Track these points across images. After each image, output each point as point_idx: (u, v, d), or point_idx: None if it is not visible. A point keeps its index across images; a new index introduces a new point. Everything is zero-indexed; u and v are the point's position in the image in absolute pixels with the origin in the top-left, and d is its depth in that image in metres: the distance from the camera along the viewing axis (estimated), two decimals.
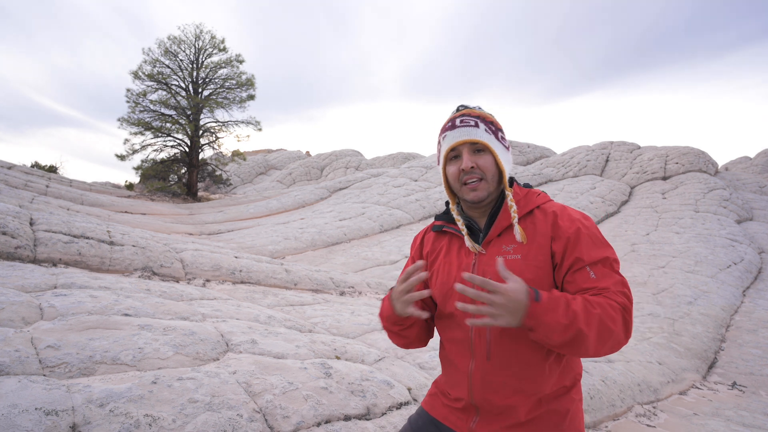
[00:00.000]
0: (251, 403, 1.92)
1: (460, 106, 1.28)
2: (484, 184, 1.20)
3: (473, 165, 1.19)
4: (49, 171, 20.50)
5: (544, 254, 1.14)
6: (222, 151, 23.82)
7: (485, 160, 1.20)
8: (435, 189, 17.65)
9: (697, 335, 6.36)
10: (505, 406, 1.15)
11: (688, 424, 3.85)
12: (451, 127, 1.23)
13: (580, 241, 1.11)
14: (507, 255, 1.16)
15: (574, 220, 1.15)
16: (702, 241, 11.70)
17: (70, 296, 2.65)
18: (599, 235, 1.15)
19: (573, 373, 1.20)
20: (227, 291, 4.62)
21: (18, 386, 1.58)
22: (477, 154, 1.21)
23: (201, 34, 22.27)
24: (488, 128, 1.22)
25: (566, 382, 1.17)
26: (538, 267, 1.13)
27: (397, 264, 9.87)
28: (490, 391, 1.16)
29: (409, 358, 3.42)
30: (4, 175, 11.85)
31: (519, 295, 0.99)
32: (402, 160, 35.17)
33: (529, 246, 1.15)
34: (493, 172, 1.21)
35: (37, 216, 4.35)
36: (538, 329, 1.00)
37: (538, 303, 0.99)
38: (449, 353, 1.26)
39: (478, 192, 1.20)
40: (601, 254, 1.11)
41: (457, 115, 1.25)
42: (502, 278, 1.02)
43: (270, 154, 43.24)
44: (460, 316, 1.21)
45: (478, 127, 1.20)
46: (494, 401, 1.16)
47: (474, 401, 1.19)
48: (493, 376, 1.16)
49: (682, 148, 20.04)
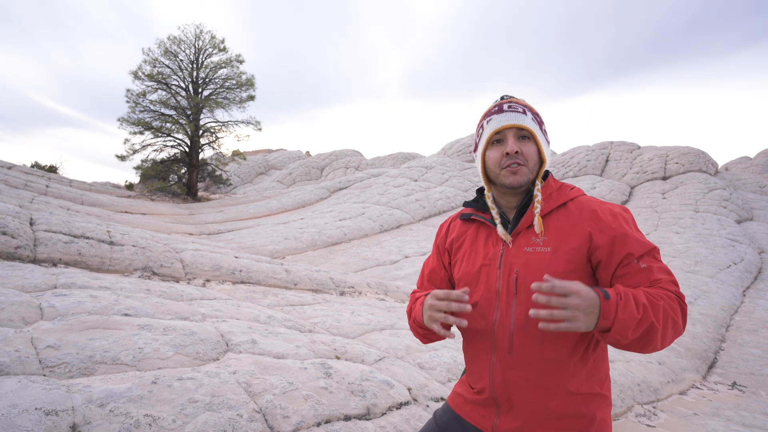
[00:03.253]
0: (251, 403, 1.92)
1: (505, 95, 1.27)
2: (525, 170, 1.17)
3: (518, 150, 1.17)
4: (49, 171, 20.50)
5: (578, 248, 1.10)
6: (222, 151, 23.82)
7: (529, 149, 1.18)
8: (435, 189, 17.65)
9: (697, 335, 6.36)
10: (526, 402, 1.12)
11: (688, 424, 3.85)
12: (498, 111, 1.21)
13: (628, 236, 1.09)
14: (536, 247, 1.13)
15: (617, 215, 1.13)
16: (702, 241, 11.70)
17: (70, 296, 2.65)
18: (638, 228, 1.14)
19: (600, 375, 1.15)
20: (227, 291, 4.62)
21: (18, 386, 1.58)
22: (522, 140, 1.19)
23: (201, 34, 22.28)
24: (534, 118, 1.21)
25: (595, 384, 1.13)
26: (568, 261, 1.10)
27: (396, 264, 9.87)
28: (511, 386, 1.14)
29: (409, 359, 3.42)
30: (4, 175, 11.85)
31: (591, 294, 0.94)
32: (402, 160, 35.18)
33: (560, 239, 1.12)
34: (535, 161, 1.19)
35: (37, 216, 4.35)
36: (613, 328, 0.95)
37: (608, 300, 0.95)
38: (471, 345, 1.24)
39: (518, 176, 1.17)
40: (647, 246, 1.10)
41: (505, 101, 1.24)
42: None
43: (270, 154, 43.24)
44: (483, 306, 1.18)
45: (526, 115, 1.19)
46: (515, 396, 1.13)
47: (495, 395, 1.17)
48: (514, 370, 1.13)
49: (682, 148, 20.04)
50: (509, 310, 1.14)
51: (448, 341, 3.98)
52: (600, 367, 1.15)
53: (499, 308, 1.16)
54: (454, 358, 3.55)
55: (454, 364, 3.42)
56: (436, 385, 2.90)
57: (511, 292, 1.14)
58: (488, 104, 1.30)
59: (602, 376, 1.16)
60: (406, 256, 10.41)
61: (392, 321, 4.48)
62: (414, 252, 10.77)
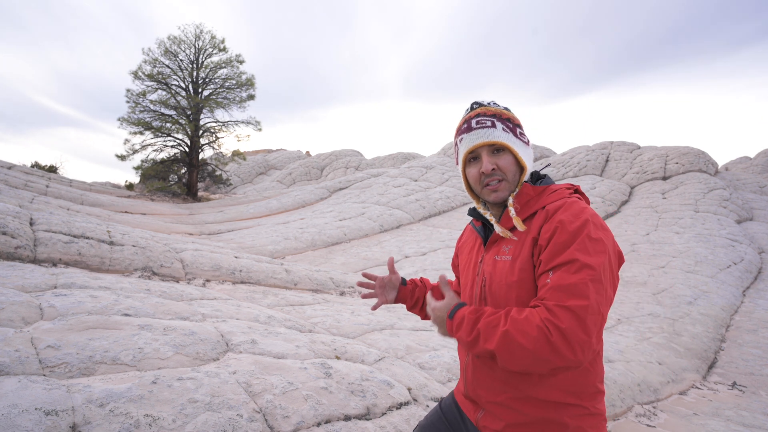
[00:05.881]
0: (251, 403, 1.92)
1: (474, 103, 1.24)
2: (504, 185, 1.18)
3: (493, 167, 1.16)
4: (49, 171, 20.49)
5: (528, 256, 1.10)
6: (222, 151, 23.82)
7: (505, 160, 1.17)
8: (435, 189, 17.65)
9: (697, 335, 6.36)
10: (495, 404, 1.16)
11: (688, 424, 3.85)
12: (467, 129, 1.20)
13: (552, 240, 1.04)
14: (503, 255, 1.17)
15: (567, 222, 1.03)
16: (702, 241, 11.70)
17: (70, 296, 2.65)
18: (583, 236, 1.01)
19: (578, 387, 1.09)
20: (227, 291, 4.62)
21: (18, 386, 1.58)
22: (496, 154, 1.18)
23: (201, 34, 22.27)
24: (506, 126, 1.18)
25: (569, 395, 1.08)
26: (521, 269, 1.10)
27: (397, 264, 9.87)
28: (479, 388, 1.20)
29: (410, 359, 3.42)
30: (4, 175, 11.85)
31: (440, 312, 1.16)
32: (402, 160, 35.18)
33: (520, 248, 1.13)
34: (513, 172, 1.18)
35: (37, 216, 4.35)
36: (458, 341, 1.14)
37: (451, 320, 1.12)
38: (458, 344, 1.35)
39: (499, 193, 1.18)
40: (572, 258, 0.98)
41: (472, 114, 1.20)
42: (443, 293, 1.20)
43: (270, 154, 43.24)
44: None
45: (495, 127, 1.17)
46: (483, 397, 1.19)
47: (468, 395, 1.25)
48: (480, 372, 1.20)
49: (682, 148, 20.04)
50: None
51: (447, 341, 3.98)
52: (577, 380, 1.09)
53: None
54: (454, 358, 3.55)
55: (454, 364, 3.42)
56: (436, 385, 2.90)
57: (483, 298, 1.21)
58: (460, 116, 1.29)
59: (579, 388, 1.09)
60: (406, 256, 10.41)
61: (392, 321, 4.48)
62: (414, 252, 10.77)
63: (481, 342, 1.03)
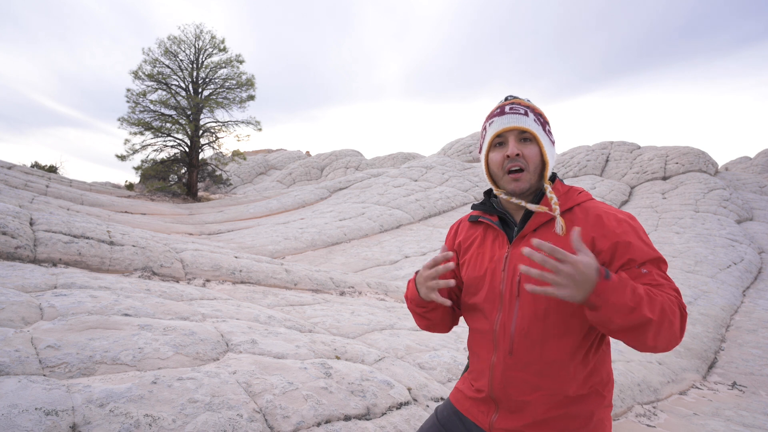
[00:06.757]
0: (251, 403, 1.92)
1: (509, 95, 1.26)
2: (526, 175, 1.18)
3: (518, 152, 1.17)
4: (49, 171, 20.51)
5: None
6: (222, 151, 23.83)
7: (531, 150, 1.18)
8: (435, 189, 17.65)
9: (697, 335, 6.36)
10: (523, 403, 1.13)
11: (688, 424, 3.85)
12: (500, 113, 1.21)
13: (632, 243, 1.08)
14: None
15: (621, 221, 1.11)
16: (702, 241, 11.70)
17: (70, 296, 2.65)
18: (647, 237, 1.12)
19: (601, 377, 1.15)
20: (227, 291, 4.62)
21: (18, 386, 1.58)
22: (523, 143, 1.19)
23: (201, 34, 22.28)
24: (537, 119, 1.20)
25: (594, 386, 1.13)
26: None
27: (397, 264, 9.87)
28: (510, 386, 1.15)
29: (409, 359, 3.42)
30: (4, 175, 11.85)
31: (589, 269, 0.93)
32: (402, 160, 35.18)
33: (564, 243, 1.10)
34: (536, 164, 1.19)
35: (37, 216, 4.35)
36: (602, 308, 0.95)
37: (607, 281, 0.94)
38: (474, 343, 1.27)
39: (519, 183, 1.18)
40: (652, 254, 1.08)
41: (507, 102, 1.23)
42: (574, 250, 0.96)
43: (270, 154, 43.24)
44: (487, 309, 1.20)
45: (527, 116, 1.18)
46: (513, 397, 1.15)
47: (493, 394, 1.18)
48: (513, 371, 1.14)
49: (682, 148, 20.05)
50: (511, 312, 1.15)
51: (448, 342, 3.98)
52: (601, 369, 1.15)
53: (501, 310, 1.17)
54: (454, 358, 3.55)
55: (454, 364, 3.42)
56: (436, 385, 2.90)
57: (513, 294, 1.15)
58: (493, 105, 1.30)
59: (603, 378, 1.15)
60: (406, 256, 10.41)
61: (392, 321, 4.48)
62: (414, 252, 10.77)
63: (645, 309, 0.94)
